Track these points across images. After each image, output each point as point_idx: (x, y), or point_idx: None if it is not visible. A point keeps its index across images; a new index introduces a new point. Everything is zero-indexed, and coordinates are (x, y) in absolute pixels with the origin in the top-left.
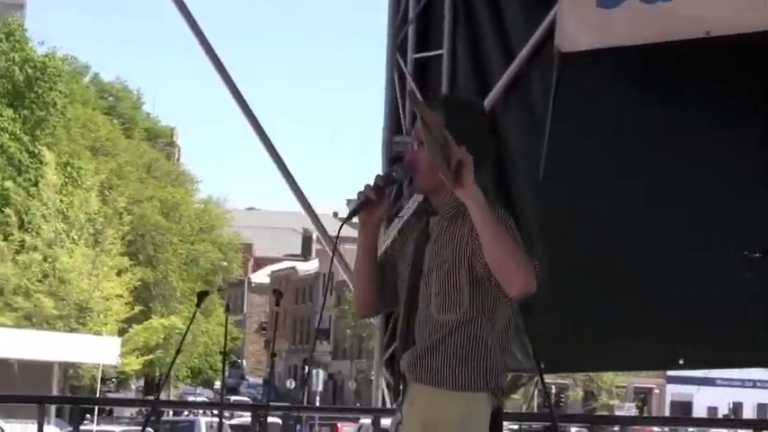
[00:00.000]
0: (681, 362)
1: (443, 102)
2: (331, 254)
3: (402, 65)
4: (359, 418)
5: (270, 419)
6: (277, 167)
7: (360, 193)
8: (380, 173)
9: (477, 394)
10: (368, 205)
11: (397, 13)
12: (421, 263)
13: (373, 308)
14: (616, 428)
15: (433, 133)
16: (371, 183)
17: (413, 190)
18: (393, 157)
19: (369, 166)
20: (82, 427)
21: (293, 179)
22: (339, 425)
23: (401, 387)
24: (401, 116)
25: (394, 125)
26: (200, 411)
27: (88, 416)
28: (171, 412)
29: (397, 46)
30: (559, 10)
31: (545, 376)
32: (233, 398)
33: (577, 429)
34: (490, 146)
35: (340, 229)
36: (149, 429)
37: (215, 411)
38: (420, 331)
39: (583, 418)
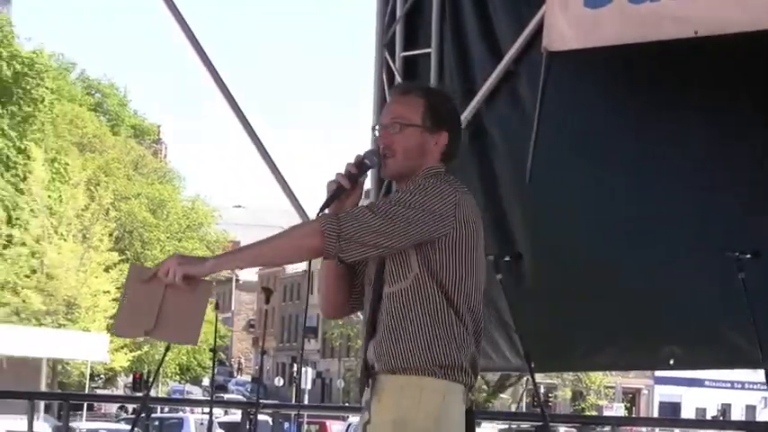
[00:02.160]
0: (671, 362)
1: (423, 89)
2: None
3: (390, 63)
4: (348, 417)
5: (259, 417)
6: (266, 165)
7: (330, 182)
8: (351, 161)
9: (449, 383)
10: (341, 194)
11: (385, 11)
12: None
13: (341, 308)
14: (606, 429)
15: None
16: (342, 171)
17: (384, 175)
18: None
19: None
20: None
21: (282, 176)
22: (328, 423)
23: (369, 381)
24: None
25: None
26: (189, 409)
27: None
28: (160, 409)
29: (385, 44)
30: (547, 10)
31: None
32: (225, 396)
33: (566, 430)
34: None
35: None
36: (138, 430)
37: (204, 409)
38: (381, 318)
39: (574, 418)
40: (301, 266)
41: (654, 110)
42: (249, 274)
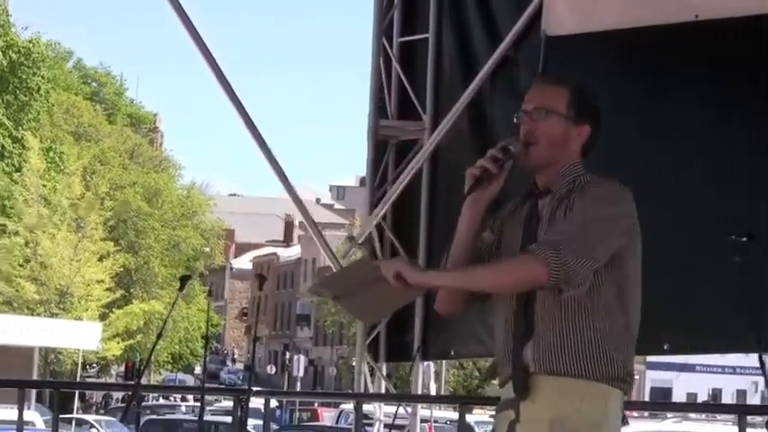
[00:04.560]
0: (665, 347)
1: (568, 81)
2: (315, 239)
3: (388, 48)
4: (339, 404)
5: (251, 405)
6: (262, 153)
7: (471, 169)
8: (497, 147)
9: (611, 389)
10: (487, 181)
11: None
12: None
13: (461, 304)
14: None
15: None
16: (487, 158)
17: (524, 164)
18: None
19: (350, 153)
20: (61, 415)
21: (278, 165)
22: (320, 410)
23: (521, 383)
24: (387, 100)
25: (379, 109)
26: (180, 397)
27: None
28: (151, 399)
29: (383, 30)
30: None
31: None
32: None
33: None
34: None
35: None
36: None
37: (197, 397)
38: (541, 318)
39: None
40: (295, 254)
41: (654, 94)
42: (243, 263)
